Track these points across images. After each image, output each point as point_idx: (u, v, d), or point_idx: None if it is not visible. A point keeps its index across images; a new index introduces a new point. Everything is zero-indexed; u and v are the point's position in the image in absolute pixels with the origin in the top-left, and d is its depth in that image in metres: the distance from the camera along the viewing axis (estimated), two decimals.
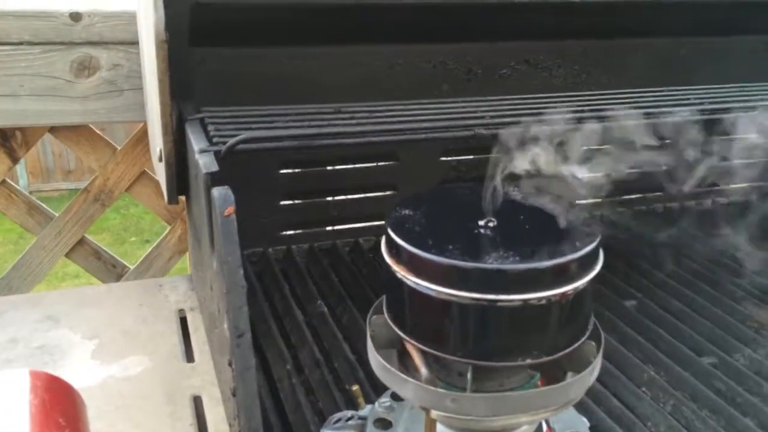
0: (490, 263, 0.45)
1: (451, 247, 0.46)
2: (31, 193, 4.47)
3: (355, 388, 0.58)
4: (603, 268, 0.93)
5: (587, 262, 0.47)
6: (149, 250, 1.11)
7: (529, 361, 0.46)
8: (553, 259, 0.45)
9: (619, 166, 0.67)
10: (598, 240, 0.48)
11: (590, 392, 0.65)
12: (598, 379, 0.67)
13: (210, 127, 0.69)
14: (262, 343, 0.73)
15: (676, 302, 0.83)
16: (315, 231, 0.96)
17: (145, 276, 1.10)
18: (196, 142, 0.65)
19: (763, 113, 0.84)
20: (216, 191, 0.55)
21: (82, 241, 1.07)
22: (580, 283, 0.46)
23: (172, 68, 0.70)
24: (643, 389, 0.68)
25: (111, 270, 1.10)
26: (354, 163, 0.95)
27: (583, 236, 0.48)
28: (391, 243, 0.49)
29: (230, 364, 0.54)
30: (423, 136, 0.73)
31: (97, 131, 1.04)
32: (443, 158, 0.98)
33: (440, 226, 0.50)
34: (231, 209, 0.54)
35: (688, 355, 0.73)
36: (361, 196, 0.97)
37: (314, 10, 0.85)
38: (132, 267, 1.11)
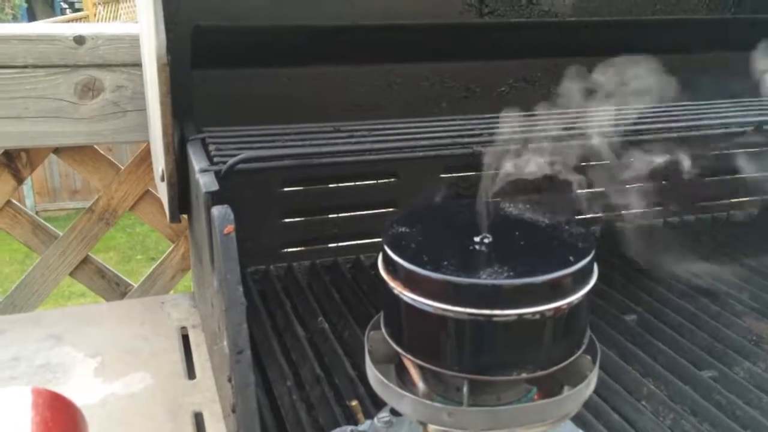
0: (485, 279, 0.46)
1: (446, 263, 0.47)
2: (37, 212, 4.48)
3: (354, 403, 0.59)
4: (603, 282, 0.94)
5: (581, 276, 0.47)
6: (153, 267, 1.12)
7: (524, 375, 0.47)
8: (548, 273, 0.46)
9: (615, 181, 0.68)
10: (592, 254, 0.48)
11: (590, 406, 0.66)
12: (598, 393, 0.68)
13: (211, 147, 0.70)
14: (263, 360, 0.74)
15: (676, 316, 0.83)
16: (316, 248, 0.96)
17: (148, 294, 1.11)
18: (196, 161, 0.66)
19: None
20: (216, 210, 0.56)
21: (86, 260, 1.08)
22: (574, 297, 0.47)
23: (174, 89, 0.71)
24: (643, 403, 0.68)
25: (115, 288, 1.11)
26: (354, 181, 0.96)
27: (577, 250, 0.49)
28: (387, 259, 0.49)
29: (230, 381, 0.54)
30: (421, 154, 0.74)
31: (101, 151, 1.05)
32: (443, 175, 0.99)
33: (436, 242, 0.51)
34: (230, 228, 0.55)
35: (688, 368, 0.73)
36: (362, 213, 0.98)
37: (313, 31, 0.86)
38: (136, 285, 1.11)
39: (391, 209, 0.98)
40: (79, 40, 0.94)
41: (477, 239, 0.50)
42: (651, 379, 0.71)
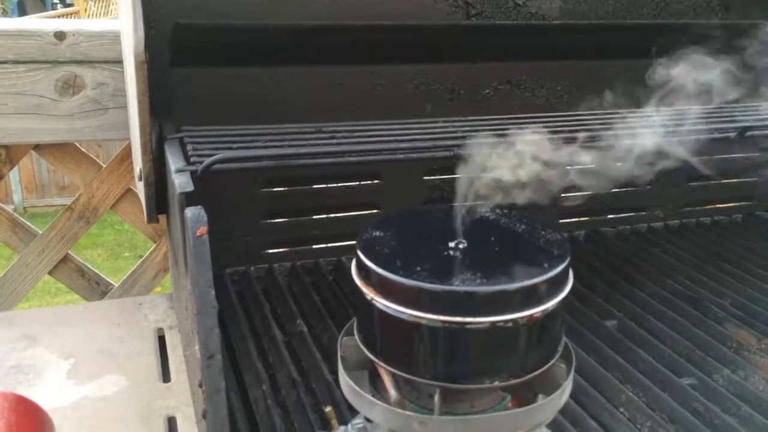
0: (458, 286, 0.45)
1: (419, 269, 0.46)
2: (25, 208, 4.43)
3: (328, 409, 0.58)
4: (585, 286, 0.93)
5: (556, 283, 0.47)
6: (134, 267, 1.11)
7: (497, 383, 0.46)
8: (521, 280, 0.45)
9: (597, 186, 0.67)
10: (567, 261, 0.48)
11: (567, 413, 0.65)
12: (576, 400, 0.67)
13: (189, 147, 0.69)
14: (240, 363, 0.73)
15: (657, 322, 0.82)
16: (297, 249, 0.95)
17: (130, 293, 1.10)
18: (173, 161, 0.65)
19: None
20: (189, 211, 0.55)
21: (65, 259, 1.06)
22: (548, 304, 0.46)
23: (153, 88, 0.70)
24: (621, 410, 0.67)
25: (95, 287, 1.10)
26: (337, 182, 0.95)
27: (552, 257, 0.48)
28: (360, 265, 0.49)
29: (201, 386, 0.53)
30: (401, 156, 0.73)
31: (83, 149, 1.04)
32: (426, 177, 0.98)
33: (410, 248, 0.50)
34: (203, 229, 0.54)
35: (667, 375, 0.72)
36: (344, 214, 0.97)
37: (297, 30, 0.85)
38: (116, 284, 1.10)
39: (374, 211, 0.97)
40: (60, 35, 0.92)
41: (452, 245, 0.50)
42: (630, 386, 0.71)
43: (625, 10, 1.01)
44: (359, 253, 0.48)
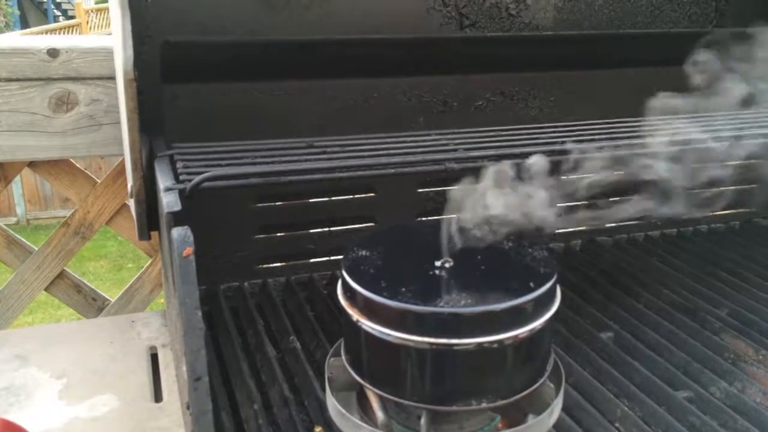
0: (444, 307, 0.45)
1: (405, 290, 0.46)
2: (28, 221, 4.44)
3: (318, 429, 0.58)
4: (581, 298, 0.93)
5: (542, 302, 0.46)
6: (130, 282, 1.10)
7: (484, 404, 0.46)
8: (508, 301, 0.45)
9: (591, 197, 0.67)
10: (553, 280, 0.48)
11: (561, 429, 0.64)
12: (570, 415, 0.67)
13: (179, 164, 0.69)
14: (232, 381, 0.72)
15: (654, 334, 0.82)
16: (292, 264, 0.95)
17: (126, 308, 1.09)
18: (162, 179, 0.65)
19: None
20: (175, 231, 0.55)
21: (61, 275, 1.06)
22: (535, 324, 0.46)
23: (144, 105, 0.70)
24: (617, 425, 0.67)
25: (91, 303, 1.10)
26: (331, 196, 0.95)
27: (539, 276, 0.48)
28: (346, 286, 0.48)
29: (188, 408, 0.53)
30: (393, 171, 0.73)
31: (78, 165, 1.04)
32: (420, 190, 0.98)
33: (396, 268, 0.50)
34: (189, 250, 0.54)
35: (663, 389, 0.71)
36: (339, 228, 0.96)
37: (289, 45, 0.85)
38: (113, 300, 1.10)
39: (368, 224, 0.97)
40: (53, 53, 0.92)
41: (438, 264, 0.49)
42: (625, 400, 0.70)
43: (620, 20, 1.01)
44: (344, 273, 0.48)
